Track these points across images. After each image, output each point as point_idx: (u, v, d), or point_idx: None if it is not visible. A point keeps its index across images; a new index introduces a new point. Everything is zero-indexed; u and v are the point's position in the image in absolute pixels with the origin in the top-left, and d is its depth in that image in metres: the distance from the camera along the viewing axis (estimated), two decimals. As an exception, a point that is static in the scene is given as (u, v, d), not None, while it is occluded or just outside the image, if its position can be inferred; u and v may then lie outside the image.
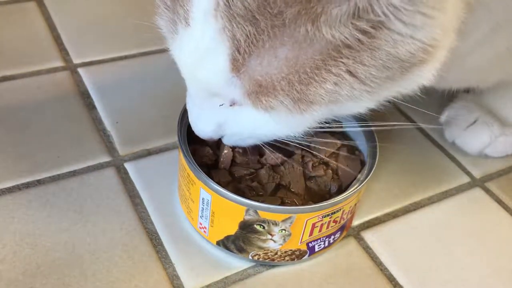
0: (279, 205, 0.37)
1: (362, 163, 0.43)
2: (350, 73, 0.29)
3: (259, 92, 0.30)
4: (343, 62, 0.28)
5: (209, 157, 0.41)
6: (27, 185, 0.44)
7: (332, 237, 0.40)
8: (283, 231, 0.37)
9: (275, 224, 0.36)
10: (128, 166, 0.47)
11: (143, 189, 0.45)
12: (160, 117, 0.52)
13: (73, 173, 0.45)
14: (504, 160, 0.53)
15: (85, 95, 0.53)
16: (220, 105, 0.34)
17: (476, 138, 0.52)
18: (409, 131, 0.55)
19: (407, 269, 0.42)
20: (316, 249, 0.40)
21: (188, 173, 0.38)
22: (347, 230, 0.43)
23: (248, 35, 0.28)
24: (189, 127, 0.40)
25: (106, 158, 0.47)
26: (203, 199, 0.38)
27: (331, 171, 0.42)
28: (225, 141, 0.38)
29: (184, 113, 0.41)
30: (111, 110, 0.52)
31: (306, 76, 0.29)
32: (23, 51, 0.57)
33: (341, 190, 0.42)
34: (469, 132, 0.52)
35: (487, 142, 0.52)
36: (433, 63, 0.30)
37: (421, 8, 0.26)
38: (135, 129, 0.50)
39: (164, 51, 0.59)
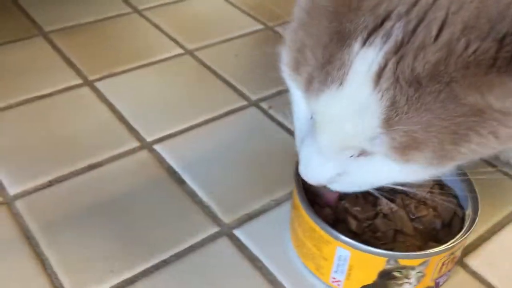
0: (415, 251, 0.41)
1: (455, 197, 0.48)
2: (493, 134, 0.33)
3: (407, 147, 0.33)
4: (491, 125, 0.32)
5: (329, 217, 0.44)
6: (157, 267, 0.46)
7: (452, 270, 0.44)
8: (419, 273, 0.41)
9: (413, 268, 0.40)
10: (237, 233, 0.50)
11: (260, 252, 0.48)
12: (247, 177, 0.55)
13: (191, 248, 0.48)
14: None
15: (170, 171, 0.56)
16: (350, 156, 0.37)
17: None
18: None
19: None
20: (441, 284, 0.44)
21: (320, 235, 0.42)
22: (453, 260, 0.48)
23: (409, 98, 0.31)
24: (306, 190, 0.44)
25: (215, 229, 0.50)
26: (340, 256, 0.41)
27: (432, 209, 0.47)
28: (334, 187, 0.41)
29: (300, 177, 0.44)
30: (201, 181, 0.55)
31: (456, 136, 0.32)
32: (95, 137, 0.60)
33: (444, 225, 0.46)
34: None
35: None
36: None
37: None
38: (229, 195, 0.53)
39: (227, 114, 0.64)
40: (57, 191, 0.53)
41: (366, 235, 0.44)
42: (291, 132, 0.62)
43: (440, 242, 0.44)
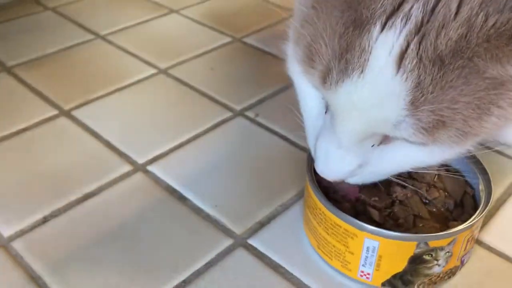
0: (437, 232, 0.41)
1: (462, 176, 0.48)
2: (511, 104, 0.34)
3: (434, 127, 0.33)
4: (510, 97, 0.33)
5: (349, 211, 0.44)
6: (178, 289, 0.44)
7: (473, 247, 0.45)
8: (447, 253, 0.41)
9: (442, 249, 0.40)
10: (252, 242, 0.49)
11: (280, 258, 0.47)
12: (248, 186, 0.54)
13: (209, 264, 0.46)
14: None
15: (170, 190, 0.54)
16: (371, 146, 0.38)
17: None
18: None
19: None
20: (465, 262, 0.44)
21: (346, 229, 0.41)
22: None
23: (434, 76, 0.31)
24: (321, 188, 0.44)
25: (229, 241, 0.49)
26: (367, 248, 0.41)
27: (442, 191, 0.47)
28: (354, 181, 0.41)
29: (316, 176, 0.44)
30: (203, 196, 0.53)
31: (479, 111, 0.33)
32: (84, 167, 0.57)
33: (457, 204, 0.47)
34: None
35: None
36: None
37: None
38: (234, 206, 0.52)
39: (215, 126, 0.63)
40: (55, 226, 0.50)
41: (388, 223, 0.44)
42: (283, 137, 0.62)
43: (457, 221, 0.44)
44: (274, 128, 0.63)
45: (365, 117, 0.35)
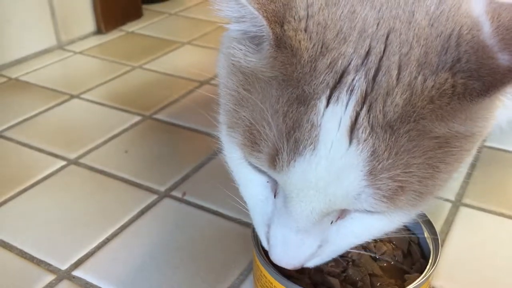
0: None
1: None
2: (457, 160, 0.34)
3: (394, 193, 0.32)
4: (456, 152, 0.33)
5: (309, 286, 0.41)
6: None
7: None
8: (410, 310, 0.40)
9: (405, 307, 0.39)
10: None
11: None
12: (189, 273, 0.50)
13: None
14: None
15: (104, 295, 0.49)
16: (331, 223, 0.36)
17: None
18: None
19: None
20: (425, 312, 0.43)
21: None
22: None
23: (387, 143, 0.31)
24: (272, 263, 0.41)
25: None
26: (334, 321, 0.39)
27: (388, 243, 0.47)
28: (314, 263, 0.38)
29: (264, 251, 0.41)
30: (143, 295, 0.49)
31: (431, 170, 0.33)
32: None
33: (405, 255, 0.46)
34: None
35: None
36: None
37: None
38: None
39: (142, 213, 0.58)
40: None
41: (347, 289, 0.42)
42: (215, 212, 0.59)
43: (410, 273, 0.44)
44: (205, 205, 0.60)
45: (324, 194, 0.33)
